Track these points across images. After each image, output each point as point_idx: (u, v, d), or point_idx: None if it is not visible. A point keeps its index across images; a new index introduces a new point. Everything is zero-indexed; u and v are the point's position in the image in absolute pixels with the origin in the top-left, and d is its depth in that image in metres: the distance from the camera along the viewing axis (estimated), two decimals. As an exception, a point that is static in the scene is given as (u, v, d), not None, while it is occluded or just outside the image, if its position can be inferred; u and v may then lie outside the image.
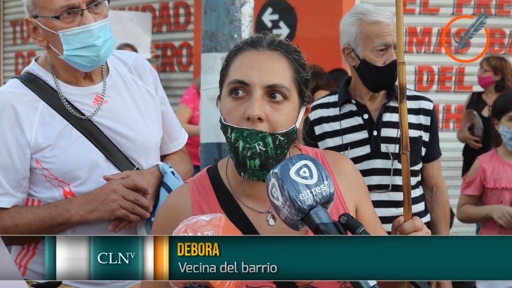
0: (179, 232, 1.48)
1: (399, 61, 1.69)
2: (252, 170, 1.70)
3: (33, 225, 2.29)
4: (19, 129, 2.28)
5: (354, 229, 1.53)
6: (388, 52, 3.09)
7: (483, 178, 3.99)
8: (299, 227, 1.57)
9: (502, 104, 4.00)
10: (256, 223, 1.76)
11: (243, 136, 1.67)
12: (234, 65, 1.73)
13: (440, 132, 3.72)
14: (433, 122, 3.27)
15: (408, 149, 1.68)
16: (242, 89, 1.70)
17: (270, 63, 1.71)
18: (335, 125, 3.20)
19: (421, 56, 7.59)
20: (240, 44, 1.76)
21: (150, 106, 2.49)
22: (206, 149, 3.69)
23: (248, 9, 3.67)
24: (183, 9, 8.67)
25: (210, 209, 1.78)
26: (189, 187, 1.83)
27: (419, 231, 1.62)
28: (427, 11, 7.62)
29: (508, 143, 3.95)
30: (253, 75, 1.69)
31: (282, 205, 1.54)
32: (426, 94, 4.29)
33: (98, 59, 2.30)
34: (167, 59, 8.79)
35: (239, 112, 1.69)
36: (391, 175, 3.16)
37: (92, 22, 2.25)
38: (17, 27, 10.42)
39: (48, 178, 2.32)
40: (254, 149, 1.67)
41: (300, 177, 1.53)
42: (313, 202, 1.52)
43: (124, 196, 2.30)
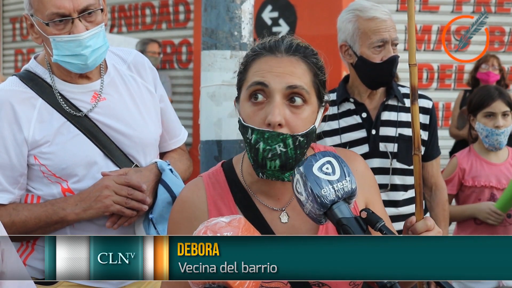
0: (199, 233, 1.49)
1: (410, 62, 1.69)
2: (272, 171, 1.71)
3: (29, 222, 2.30)
4: (17, 127, 2.29)
5: (374, 224, 1.56)
6: (385, 48, 3.07)
7: (461, 176, 3.92)
8: (322, 221, 1.61)
9: (477, 100, 3.90)
10: (269, 220, 1.78)
11: (264, 137, 1.68)
12: (253, 69, 1.74)
13: (440, 130, 3.71)
14: (432, 121, 3.24)
15: (420, 150, 1.69)
16: (262, 93, 1.71)
17: (289, 68, 1.72)
18: (333, 124, 3.18)
19: (421, 54, 7.58)
20: (258, 49, 1.76)
21: (149, 103, 2.49)
22: (206, 146, 3.69)
23: (248, 6, 3.67)
24: (182, 6, 8.66)
25: (225, 204, 1.80)
26: (204, 180, 1.84)
27: (431, 230, 1.63)
28: (427, 9, 7.61)
29: (484, 140, 3.87)
30: (272, 78, 1.70)
31: (306, 200, 1.58)
32: (426, 92, 4.29)
33: (85, 67, 2.31)
34: (166, 57, 8.78)
35: (259, 117, 1.70)
36: (390, 175, 3.14)
37: (82, 31, 2.25)
38: (17, 24, 10.41)
39: (45, 174, 2.32)
40: (275, 151, 1.68)
41: (323, 173, 1.58)
42: (335, 198, 1.57)
43: (116, 192, 2.31)
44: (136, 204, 2.34)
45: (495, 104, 3.83)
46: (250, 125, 1.70)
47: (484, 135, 3.85)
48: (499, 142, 3.84)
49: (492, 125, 3.81)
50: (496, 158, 3.93)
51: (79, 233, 2.36)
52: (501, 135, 3.81)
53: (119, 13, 9.18)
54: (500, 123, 3.81)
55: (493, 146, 3.86)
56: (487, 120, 3.84)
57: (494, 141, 3.83)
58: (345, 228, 1.55)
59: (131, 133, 2.41)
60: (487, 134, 3.84)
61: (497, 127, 3.80)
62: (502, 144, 3.86)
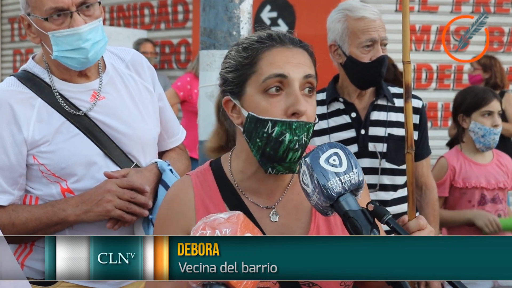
0: (198, 229, 1.48)
1: (404, 60, 1.68)
2: (289, 163, 1.71)
3: (30, 224, 2.29)
4: (16, 127, 2.28)
5: (381, 216, 1.55)
6: (374, 48, 3.05)
7: (452, 178, 3.89)
8: (329, 213, 1.60)
9: (473, 100, 3.86)
10: (259, 219, 1.77)
11: (292, 128, 1.67)
12: (265, 61, 1.72)
13: (439, 130, 3.71)
14: (422, 121, 3.22)
15: (413, 148, 1.68)
16: (279, 85, 1.70)
17: (302, 59, 1.74)
18: (322, 124, 3.16)
19: (420, 54, 7.59)
20: (267, 41, 1.74)
21: (148, 102, 2.49)
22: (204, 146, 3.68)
23: (247, 6, 3.66)
24: (181, 6, 8.66)
25: (213, 202, 1.79)
26: (192, 179, 1.83)
27: (423, 229, 1.62)
28: (426, 9, 7.61)
29: (479, 140, 3.84)
30: (290, 69, 1.70)
31: (312, 192, 1.57)
32: (425, 92, 4.29)
33: (86, 61, 2.29)
34: (165, 57, 8.77)
35: (279, 108, 1.69)
36: (378, 175, 3.13)
37: (81, 24, 2.24)
38: (15, 24, 10.41)
39: (45, 174, 2.32)
40: (301, 141, 1.68)
41: (330, 165, 1.57)
42: (342, 190, 1.56)
43: (119, 196, 2.30)
44: (137, 209, 2.33)
45: (493, 103, 3.82)
46: (270, 117, 1.69)
47: (481, 135, 3.82)
48: (495, 142, 3.84)
49: (491, 124, 3.80)
50: (483, 158, 3.92)
51: (78, 234, 2.35)
52: (497, 134, 3.82)
53: (118, 13, 9.19)
54: (498, 121, 3.81)
55: (487, 146, 3.84)
56: (484, 119, 3.82)
57: (491, 140, 3.82)
58: (351, 220, 1.54)
59: (130, 132, 2.40)
60: (484, 134, 3.82)
61: (496, 125, 3.80)
62: (496, 144, 3.86)
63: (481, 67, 6.29)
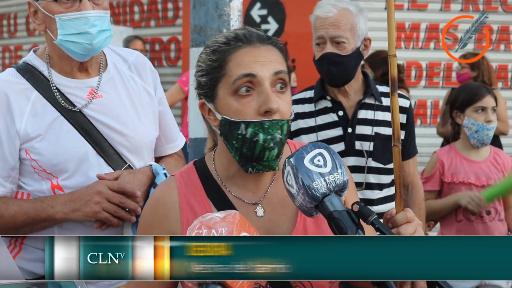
0: (194, 228, 1.48)
1: (390, 53, 1.67)
2: (268, 162, 1.71)
3: (18, 217, 2.28)
4: (9, 118, 2.28)
5: (366, 217, 1.54)
6: (325, 46, 3.08)
7: (441, 172, 3.91)
8: (314, 214, 1.59)
9: (466, 96, 3.89)
10: (245, 214, 1.75)
11: (264, 128, 1.67)
12: (233, 62, 1.72)
13: (428, 128, 3.72)
14: (409, 120, 3.23)
15: (400, 141, 1.66)
16: (249, 85, 1.69)
17: (271, 56, 1.73)
18: (310, 122, 3.17)
19: (409, 52, 7.61)
20: (234, 42, 1.73)
21: (147, 105, 2.48)
22: (195, 143, 3.69)
23: (237, 3, 3.67)
24: (171, 3, 8.64)
25: (198, 201, 1.78)
26: (176, 180, 1.83)
27: (411, 222, 1.61)
28: (416, 7, 7.64)
29: (473, 135, 3.85)
30: (259, 68, 1.69)
31: (297, 192, 1.57)
32: (415, 89, 4.30)
33: (91, 47, 2.29)
34: (155, 54, 8.76)
35: (251, 108, 1.68)
36: (365, 173, 3.13)
37: (90, 9, 2.25)
38: (4, 21, 10.35)
39: (36, 169, 2.31)
40: (275, 139, 1.68)
41: (314, 166, 1.56)
42: (327, 190, 1.55)
43: (108, 199, 2.29)
44: (125, 214, 2.32)
45: (486, 98, 3.85)
46: (242, 119, 1.69)
47: (474, 130, 3.84)
48: (489, 137, 3.85)
49: (484, 119, 3.82)
50: (477, 155, 3.94)
51: (67, 233, 2.34)
52: (491, 130, 3.83)
53: (107, 10, 9.14)
54: (491, 117, 3.83)
55: (481, 142, 3.86)
56: (478, 115, 3.84)
57: (484, 136, 3.84)
58: (336, 221, 1.53)
59: (125, 132, 2.39)
60: (477, 129, 3.84)
61: (489, 121, 3.82)
62: (490, 140, 3.88)
63: (469, 65, 6.31)
